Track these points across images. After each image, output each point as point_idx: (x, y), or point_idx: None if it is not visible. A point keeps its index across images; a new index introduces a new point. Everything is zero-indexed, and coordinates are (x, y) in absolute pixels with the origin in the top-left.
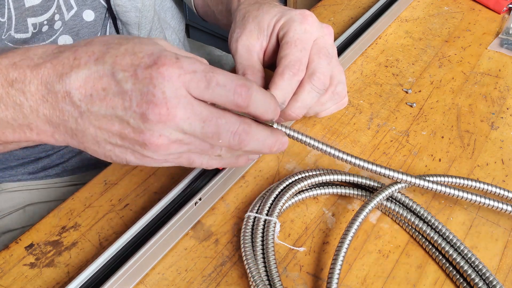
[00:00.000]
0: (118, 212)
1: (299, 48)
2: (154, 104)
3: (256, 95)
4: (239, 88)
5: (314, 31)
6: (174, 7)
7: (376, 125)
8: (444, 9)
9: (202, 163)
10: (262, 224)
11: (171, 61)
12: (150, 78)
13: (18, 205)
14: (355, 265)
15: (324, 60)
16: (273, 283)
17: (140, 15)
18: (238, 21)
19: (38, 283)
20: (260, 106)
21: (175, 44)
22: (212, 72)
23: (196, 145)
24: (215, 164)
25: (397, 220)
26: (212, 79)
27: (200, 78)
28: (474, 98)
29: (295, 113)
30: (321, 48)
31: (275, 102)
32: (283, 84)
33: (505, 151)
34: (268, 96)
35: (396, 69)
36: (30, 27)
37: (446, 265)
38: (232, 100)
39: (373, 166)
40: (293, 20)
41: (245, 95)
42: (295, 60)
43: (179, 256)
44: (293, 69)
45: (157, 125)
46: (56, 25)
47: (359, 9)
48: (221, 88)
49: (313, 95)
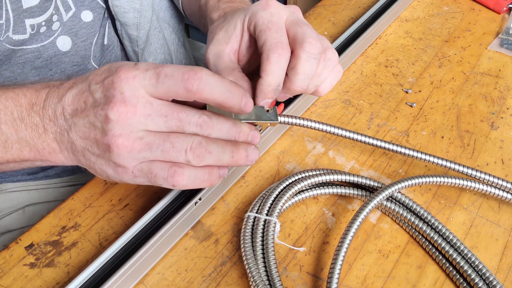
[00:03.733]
0: (118, 212)
1: (274, 30)
2: (113, 103)
3: (207, 79)
4: (186, 73)
5: (282, 11)
6: (173, 7)
7: (376, 125)
8: (444, 9)
9: (167, 175)
10: (262, 224)
11: (128, 66)
12: (112, 83)
13: (17, 206)
14: (355, 265)
15: (306, 27)
16: (273, 283)
17: (139, 15)
18: (209, 38)
19: (38, 283)
20: (215, 90)
21: (175, 43)
22: (162, 67)
23: (158, 145)
24: (182, 180)
25: (397, 220)
26: (160, 72)
27: (151, 74)
28: (474, 98)
29: (300, 85)
30: (296, 20)
31: (236, 88)
32: (272, 68)
33: (505, 151)
34: (225, 81)
35: (396, 69)
36: (28, 28)
37: (446, 265)
38: (182, 87)
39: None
40: (257, 11)
41: (193, 79)
42: (275, 42)
43: (179, 256)
44: (276, 50)
45: (117, 124)
46: (54, 26)
47: (359, 9)
48: (169, 78)
49: (311, 62)
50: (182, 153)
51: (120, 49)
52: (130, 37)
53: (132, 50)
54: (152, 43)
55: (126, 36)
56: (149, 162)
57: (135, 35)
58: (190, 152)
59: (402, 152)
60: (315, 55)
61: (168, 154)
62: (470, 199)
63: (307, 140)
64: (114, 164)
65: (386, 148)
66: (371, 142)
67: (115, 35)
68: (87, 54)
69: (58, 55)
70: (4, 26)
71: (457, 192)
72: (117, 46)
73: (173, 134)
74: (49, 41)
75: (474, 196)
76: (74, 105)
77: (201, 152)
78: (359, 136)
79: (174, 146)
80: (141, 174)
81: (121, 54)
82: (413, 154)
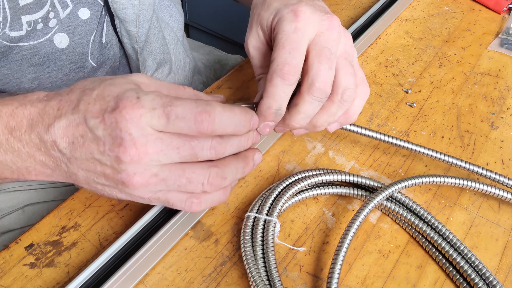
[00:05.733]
0: (118, 212)
1: (287, 50)
2: (124, 147)
3: (220, 117)
4: (199, 116)
5: (309, 28)
6: (172, 6)
7: (376, 125)
8: (444, 9)
9: (184, 206)
10: (262, 224)
11: (131, 102)
12: (116, 122)
13: (17, 205)
14: (355, 265)
15: (324, 64)
16: (273, 283)
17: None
18: (250, 17)
19: (38, 283)
20: (228, 126)
21: (174, 43)
22: (171, 106)
23: (174, 180)
24: (200, 208)
25: (397, 220)
26: (170, 113)
27: (159, 114)
28: (474, 98)
29: (299, 123)
30: (321, 48)
31: (246, 117)
32: (274, 91)
33: (505, 151)
34: (236, 113)
35: (396, 69)
36: (25, 25)
37: (446, 265)
38: (195, 129)
39: None
40: (283, 19)
41: (207, 121)
42: (283, 63)
43: (179, 256)
44: (280, 73)
45: (130, 165)
46: (51, 23)
47: (359, 9)
48: (180, 121)
49: (314, 105)
50: (199, 186)
51: (119, 47)
52: (129, 33)
53: (131, 47)
54: (151, 42)
55: (125, 33)
56: (166, 192)
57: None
58: (207, 184)
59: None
60: (319, 99)
61: (185, 188)
62: (470, 199)
63: (307, 140)
64: (128, 194)
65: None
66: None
67: (114, 33)
68: (85, 51)
69: (55, 52)
70: (1, 24)
71: (457, 192)
72: (116, 44)
73: (187, 167)
74: (46, 38)
75: (474, 196)
76: (69, 138)
77: (217, 181)
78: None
79: (191, 181)
80: (157, 202)
81: (119, 53)
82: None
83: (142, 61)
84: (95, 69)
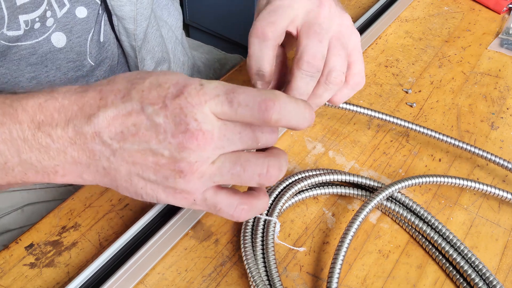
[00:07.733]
0: (118, 212)
1: (267, 11)
2: (191, 133)
3: (285, 107)
4: (263, 104)
5: (296, 6)
6: (170, 5)
7: (376, 125)
8: (444, 9)
9: (233, 213)
10: (262, 224)
11: (195, 89)
12: (180, 108)
13: (16, 205)
14: (355, 265)
15: (313, 38)
16: (273, 283)
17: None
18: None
19: (38, 283)
20: (293, 117)
21: (172, 41)
22: (233, 93)
23: (228, 168)
24: (246, 218)
25: (397, 220)
26: (233, 100)
27: (223, 101)
28: (474, 98)
29: None
30: (311, 24)
31: (310, 111)
32: (251, 51)
33: (505, 151)
34: (300, 105)
35: (396, 69)
36: (22, 24)
37: (446, 265)
38: (258, 118)
39: None
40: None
41: (272, 109)
42: (262, 26)
43: (179, 256)
44: (255, 33)
45: (194, 152)
46: (49, 22)
47: (359, 9)
48: (243, 108)
49: (306, 80)
50: (255, 177)
51: (117, 46)
52: (127, 31)
53: (130, 45)
54: (149, 40)
55: (123, 31)
56: (214, 193)
57: (133, 28)
58: (266, 175)
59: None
60: (311, 73)
61: (238, 179)
62: (470, 199)
63: (307, 140)
64: (174, 190)
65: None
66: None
67: (112, 32)
68: (83, 50)
69: (53, 52)
70: None
71: (457, 192)
72: (114, 43)
73: (243, 155)
74: (44, 38)
75: (474, 196)
76: (117, 127)
77: (276, 173)
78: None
79: (246, 170)
80: (202, 204)
81: (118, 51)
82: None
83: (141, 59)
84: (93, 68)
